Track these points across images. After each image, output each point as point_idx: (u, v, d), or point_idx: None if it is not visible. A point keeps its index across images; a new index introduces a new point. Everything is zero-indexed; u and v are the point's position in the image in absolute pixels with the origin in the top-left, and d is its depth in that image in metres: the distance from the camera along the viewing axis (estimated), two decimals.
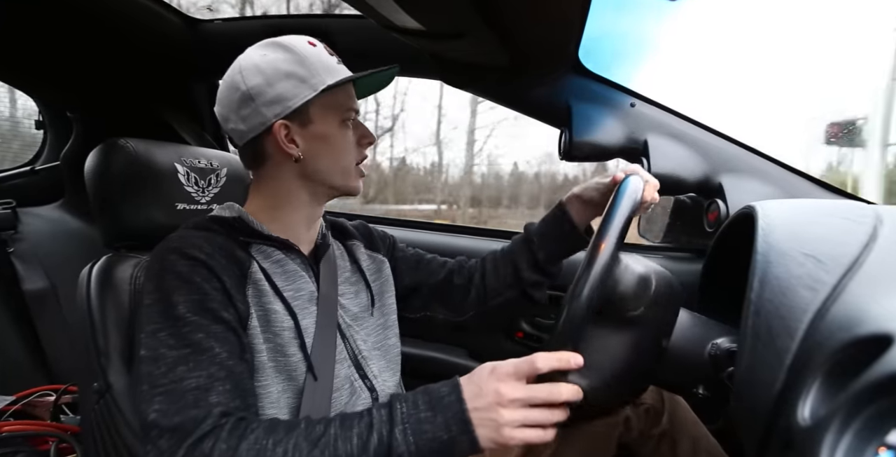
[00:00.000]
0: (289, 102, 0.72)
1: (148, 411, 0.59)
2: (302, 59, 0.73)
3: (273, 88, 0.72)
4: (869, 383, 0.36)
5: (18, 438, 0.99)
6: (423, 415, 0.56)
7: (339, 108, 0.76)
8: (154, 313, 0.64)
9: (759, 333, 0.50)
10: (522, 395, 0.56)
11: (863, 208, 0.60)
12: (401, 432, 0.55)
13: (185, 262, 0.66)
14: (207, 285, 0.65)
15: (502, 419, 0.55)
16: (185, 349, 0.61)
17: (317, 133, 0.75)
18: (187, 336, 0.62)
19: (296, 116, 0.74)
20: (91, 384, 0.76)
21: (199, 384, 0.60)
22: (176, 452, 0.56)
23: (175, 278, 0.65)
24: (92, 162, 0.87)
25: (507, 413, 0.55)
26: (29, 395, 1.14)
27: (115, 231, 0.87)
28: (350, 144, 0.77)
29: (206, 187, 0.94)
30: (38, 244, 1.52)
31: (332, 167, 0.77)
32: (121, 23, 1.21)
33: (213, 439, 0.56)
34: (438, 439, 0.55)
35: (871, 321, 0.41)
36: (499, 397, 0.55)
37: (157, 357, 0.61)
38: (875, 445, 0.35)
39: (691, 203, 1.16)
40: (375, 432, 0.56)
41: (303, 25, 1.27)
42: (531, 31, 0.91)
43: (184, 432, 0.57)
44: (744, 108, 4.19)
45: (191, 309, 0.63)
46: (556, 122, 1.15)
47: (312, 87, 0.73)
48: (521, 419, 0.56)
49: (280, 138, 0.73)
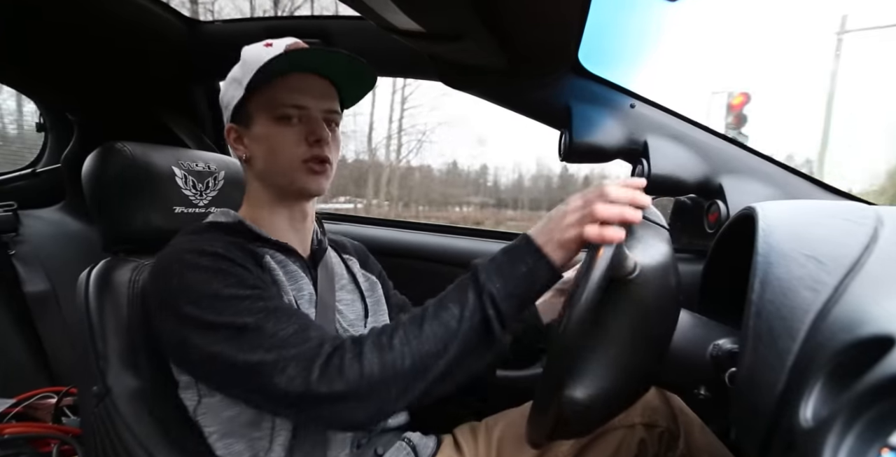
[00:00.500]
0: (230, 106, 0.77)
1: (258, 359, 0.60)
2: (244, 61, 0.76)
3: (225, 96, 0.78)
4: (871, 384, 0.36)
5: (20, 440, 0.99)
6: (499, 260, 0.62)
7: (274, 104, 0.74)
8: (201, 310, 0.63)
9: (760, 334, 0.50)
10: (582, 203, 0.60)
11: (863, 209, 0.60)
12: (486, 276, 0.60)
13: (205, 258, 0.66)
14: (237, 269, 0.66)
15: (564, 221, 0.60)
16: (258, 315, 0.62)
17: (256, 134, 0.76)
18: (251, 307, 0.63)
19: (241, 119, 0.77)
20: (90, 388, 0.76)
21: (295, 329, 0.62)
22: (310, 373, 0.58)
23: (203, 272, 0.65)
24: (89, 166, 0.87)
25: (569, 216, 0.60)
26: (29, 397, 1.14)
27: (113, 235, 0.87)
28: (290, 143, 0.74)
29: (203, 191, 0.94)
30: (39, 246, 1.52)
31: (273, 167, 0.75)
32: (120, 24, 1.21)
33: (340, 354, 0.60)
34: (519, 272, 0.60)
35: (873, 322, 0.41)
36: (565, 208, 0.61)
37: (237, 334, 0.61)
38: (878, 446, 0.35)
39: (691, 204, 1.16)
40: (468, 290, 0.60)
41: (302, 27, 1.27)
42: (531, 33, 0.91)
43: (309, 356, 0.60)
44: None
45: (237, 289, 0.64)
46: (555, 123, 1.14)
47: (243, 87, 0.74)
48: (580, 218, 0.59)
49: (230, 141, 0.78)
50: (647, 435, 0.83)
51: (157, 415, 0.76)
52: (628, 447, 0.83)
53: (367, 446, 0.81)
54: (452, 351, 0.59)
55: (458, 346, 0.59)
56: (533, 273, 0.60)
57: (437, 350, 0.59)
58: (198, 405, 0.72)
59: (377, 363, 0.58)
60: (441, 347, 0.59)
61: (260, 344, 0.61)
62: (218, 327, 0.62)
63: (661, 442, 0.83)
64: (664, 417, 0.84)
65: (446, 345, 0.59)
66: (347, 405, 0.59)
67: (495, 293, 0.59)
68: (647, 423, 0.84)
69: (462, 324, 0.59)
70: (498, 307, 0.59)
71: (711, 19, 5.46)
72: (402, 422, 0.89)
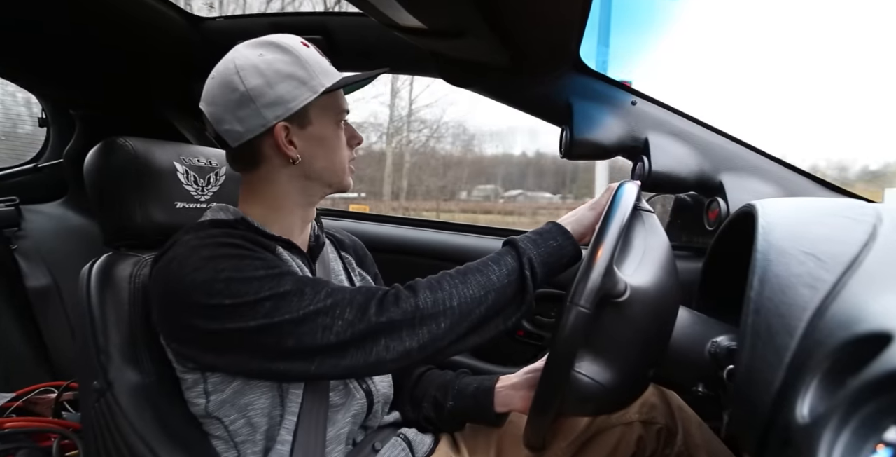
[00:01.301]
0: (290, 104, 0.72)
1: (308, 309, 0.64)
2: (301, 60, 0.73)
3: (274, 90, 0.72)
4: (868, 380, 0.36)
5: (21, 434, 1.00)
6: (533, 237, 0.74)
7: (335, 109, 0.77)
8: (235, 296, 0.63)
9: (758, 331, 0.50)
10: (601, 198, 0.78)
11: (863, 207, 0.60)
12: (523, 244, 0.72)
13: (224, 248, 0.67)
14: (258, 254, 0.69)
15: (586, 207, 0.78)
16: (293, 285, 0.66)
17: (314, 135, 0.76)
18: (286, 279, 0.66)
19: (295, 118, 0.74)
20: (91, 382, 0.76)
21: (337, 285, 0.69)
22: (367, 308, 0.65)
23: (227, 260, 0.66)
24: (91, 161, 0.87)
25: (590, 205, 0.78)
26: (29, 392, 1.14)
27: (114, 230, 0.87)
28: (343, 144, 0.79)
29: (205, 186, 0.94)
30: (41, 241, 1.53)
31: (329, 167, 0.78)
32: (123, 20, 1.21)
33: (395, 291, 0.67)
34: (550, 246, 0.73)
35: (871, 319, 0.41)
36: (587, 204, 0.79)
37: (282, 300, 0.64)
38: (873, 442, 0.35)
39: (692, 201, 1.16)
40: (508, 255, 0.71)
41: (305, 23, 1.28)
42: (532, 30, 0.91)
43: (364, 298, 0.66)
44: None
45: (266, 269, 0.66)
46: (556, 120, 1.14)
47: (312, 89, 0.73)
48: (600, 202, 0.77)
49: (281, 140, 0.74)
50: (644, 432, 0.84)
51: (158, 410, 0.76)
52: (627, 444, 0.83)
53: (365, 441, 0.81)
54: (491, 300, 0.68)
55: (496, 297, 0.68)
56: (562, 248, 0.73)
57: (479, 296, 0.67)
58: (206, 403, 0.72)
59: (430, 298, 0.66)
60: (482, 293, 0.67)
61: (313, 295, 0.65)
62: (261, 302, 0.64)
63: (659, 439, 0.84)
64: (662, 414, 0.84)
65: (486, 293, 0.67)
66: (402, 334, 0.65)
67: (533, 258, 0.70)
68: (645, 420, 0.84)
69: (501, 279, 0.69)
70: (534, 270, 0.70)
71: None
72: (399, 418, 0.89)
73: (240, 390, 0.71)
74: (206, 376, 0.72)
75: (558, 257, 0.73)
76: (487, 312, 0.68)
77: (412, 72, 1.32)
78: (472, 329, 0.68)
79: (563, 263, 0.74)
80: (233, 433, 0.73)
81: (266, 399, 0.71)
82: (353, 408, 0.77)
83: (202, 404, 0.72)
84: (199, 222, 0.77)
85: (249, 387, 0.71)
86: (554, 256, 0.72)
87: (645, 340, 0.64)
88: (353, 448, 0.80)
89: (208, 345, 0.68)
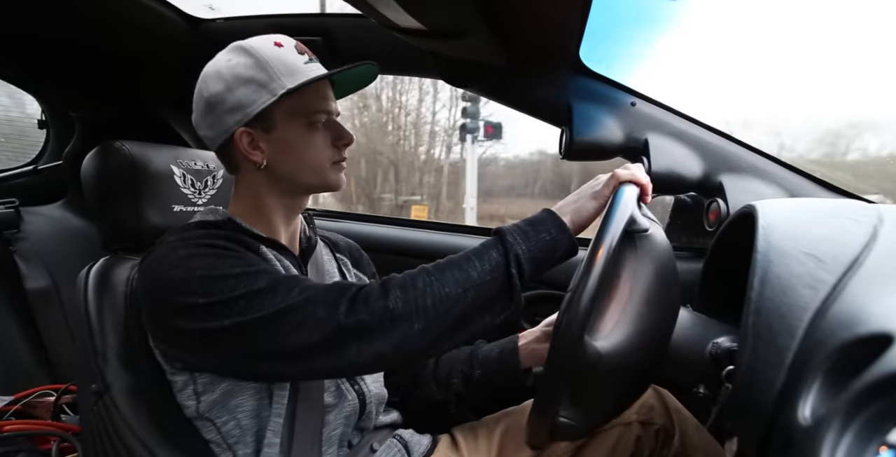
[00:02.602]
0: (248, 109, 0.72)
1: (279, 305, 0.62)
2: (262, 63, 0.71)
3: (233, 95, 0.72)
4: (869, 382, 0.36)
5: (20, 437, 0.99)
6: (524, 228, 0.67)
7: (305, 111, 0.74)
8: (210, 295, 0.63)
9: (759, 332, 0.50)
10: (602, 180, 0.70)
11: (863, 208, 0.60)
12: (511, 238, 0.65)
13: (203, 248, 0.66)
14: (237, 253, 0.67)
15: (587, 193, 0.70)
16: (271, 282, 0.64)
17: (281, 138, 0.74)
18: (261, 277, 0.64)
19: (258, 122, 0.73)
20: (89, 385, 0.76)
21: (312, 281, 0.66)
22: (337, 307, 0.61)
23: (204, 258, 0.65)
24: (88, 165, 0.87)
25: (590, 190, 0.70)
26: (28, 395, 1.14)
27: (112, 233, 0.87)
28: (319, 147, 0.75)
29: (202, 189, 0.94)
30: (40, 243, 1.53)
31: (300, 171, 0.75)
32: (122, 22, 1.21)
33: (366, 291, 0.63)
34: (542, 239, 0.66)
35: (872, 320, 0.41)
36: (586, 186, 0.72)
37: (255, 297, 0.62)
38: (876, 444, 0.34)
39: (691, 202, 1.16)
40: (493, 249, 0.65)
41: (303, 24, 1.27)
42: (532, 31, 0.91)
43: (334, 296, 0.62)
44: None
45: (242, 267, 0.65)
46: (556, 121, 1.14)
47: (272, 92, 0.71)
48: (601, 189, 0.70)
49: (242, 146, 0.73)
50: (643, 433, 0.84)
51: (156, 413, 0.76)
52: (625, 444, 0.83)
53: (362, 443, 0.81)
54: (471, 298, 0.63)
55: (477, 295, 0.63)
56: (556, 242, 0.66)
57: (456, 294, 0.62)
58: (197, 405, 0.72)
59: (401, 298, 0.61)
60: (460, 291, 0.62)
61: (286, 293, 0.63)
62: (235, 300, 0.62)
63: (657, 439, 0.84)
64: (660, 415, 0.85)
65: (465, 291, 0.62)
66: (372, 336, 0.61)
67: (521, 254, 0.64)
68: (643, 421, 0.85)
69: (483, 276, 0.63)
70: (521, 267, 0.64)
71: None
72: (396, 419, 0.89)
73: (229, 391, 0.70)
74: (195, 378, 0.71)
75: (550, 253, 0.67)
76: (467, 311, 0.63)
77: (412, 73, 1.32)
78: (452, 329, 0.64)
79: (555, 257, 0.67)
80: (225, 435, 0.72)
81: (254, 400, 0.71)
82: (346, 409, 0.77)
83: (193, 405, 0.72)
84: (186, 224, 0.77)
85: (238, 388, 0.70)
86: (545, 252, 0.66)
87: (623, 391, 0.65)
88: (350, 450, 0.80)
89: (190, 345, 0.68)
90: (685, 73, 1.89)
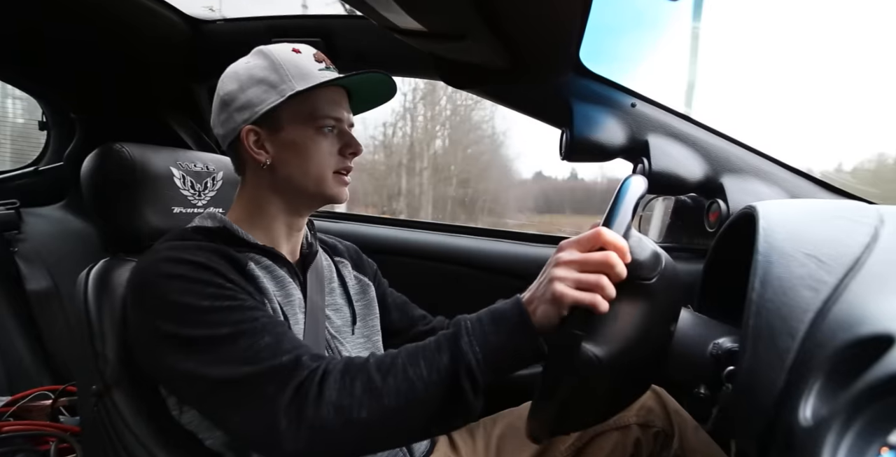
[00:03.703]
0: (256, 108, 0.73)
1: (230, 375, 0.59)
2: (277, 65, 0.73)
3: (244, 94, 0.74)
4: (870, 383, 0.36)
5: (19, 438, 0.99)
6: (487, 328, 0.58)
7: (314, 115, 0.74)
8: (176, 325, 0.62)
9: (760, 333, 0.50)
10: (577, 257, 0.56)
11: (864, 209, 0.60)
12: (466, 343, 0.57)
13: (184, 266, 0.65)
14: (217, 279, 0.65)
15: (557, 275, 0.55)
16: (232, 327, 0.61)
17: (287, 140, 0.74)
18: (226, 318, 0.61)
19: (265, 122, 0.74)
20: (90, 387, 0.76)
21: (267, 343, 0.60)
22: (282, 392, 0.57)
23: (179, 282, 0.64)
24: (87, 167, 0.87)
25: (560, 271, 0.56)
26: (24, 397, 1.14)
27: (112, 236, 0.87)
28: (325, 153, 0.75)
29: (202, 191, 0.94)
30: (41, 244, 1.53)
31: (303, 175, 0.75)
32: (123, 23, 1.22)
33: (303, 392, 0.57)
34: (503, 349, 0.57)
35: (873, 321, 0.41)
36: (557, 260, 0.57)
37: (212, 342, 0.60)
38: (877, 445, 0.34)
39: (692, 203, 1.16)
40: (444, 353, 0.57)
41: (304, 26, 1.28)
42: (532, 32, 0.91)
43: (282, 379, 0.58)
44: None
45: (214, 300, 0.63)
46: (556, 122, 1.14)
47: (280, 92, 0.72)
48: (575, 278, 0.55)
49: (248, 144, 0.74)
50: (642, 435, 0.84)
51: (155, 414, 0.76)
52: (624, 447, 0.84)
53: None
54: (414, 412, 0.57)
55: (422, 409, 0.57)
56: (519, 351, 0.57)
57: (396, 407, 0.56)
58: (181, 415, 0.72)
59: (332, 410, 0.56)
60: (402, 404, 0.56)
61: (233, 358, 0.60)
62: (195, 341, 0.61)
63: (656, 442, 0.84)
64: (659, 417, 0.85)
65: (408, 404, 0.56)
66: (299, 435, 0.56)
67: (474, 366, 0.56)
68: (641, 423, 0.85)
69: (430, 388, 0.56)
70: (475, 378, 0.56)
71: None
72: None
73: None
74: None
75: (511, 362, 0.58)
76: (410, 425, 0.58)
77: (413, 75, 1.33)
78: (388, 439, 0.60)
79: (519, 366, 0.59)
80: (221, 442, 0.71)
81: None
82: None
83: (177, 416, 0.72)
84: (182, 230, 0.77)
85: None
86: (506, 362, 0.58)
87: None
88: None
89: (148, 360, 0.69)
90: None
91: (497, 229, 1.42)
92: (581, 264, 0.55)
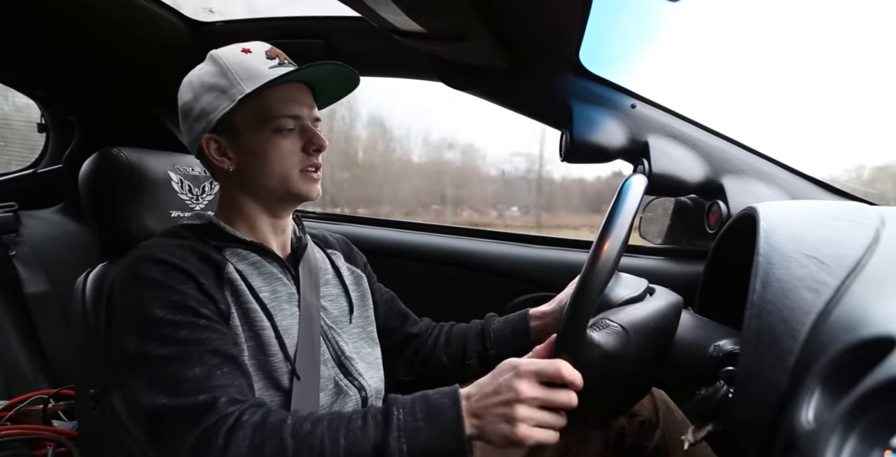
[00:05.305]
0: (210, 116, 0.72)
1: (151, 404, 0.59)
2: (225, 69, 0.72)
3: (198, 103, 0.73)
4: (872, 385, 0.35)
5: (16, 442, 0.99)
6: (419, 424, 0.55)
7: (269, 116, 0.72)
8: (132, 322, 0.63)
9: (761, 335, 0.50)
10: (542, 395, 0.55)
11: (865, 210, 0.59)
12: (395, 439, 0.54)
13: (157, 267, 0.65)
14: (183, 286, 0.65)
15: (520, 416, 0.54)
16: (173, 347, 0.61)
17: (245, 145, 0.73)
18: (172, 335, 0.61)
19: (223, 129, 0.73)
20: (88, 390, 0.76)
21: (194, 375, 0.59)
22: (189, 434, 0.55)
23: (148, 284, 0.64)
24: (85, 172, 0.87)
25: (524, 410, 0.54)
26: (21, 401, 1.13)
27: (109, 240, 0.87)
28: (286, 153, 0.73)
29: (199, 195, 0.94)
30: (39, 247, 1.52)
31: (267, 178, 0.74)
32: (123, 25, 1.21)
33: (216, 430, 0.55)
34: (430, 449, 0.54)
35: (874, 323, 0.40)
36: (518, 394, 0.55)
37: (147, 361, 0.61)
38: (880, 448, 0.34)
39: (692, 204, 1.16)
40: (370, 438, 0.55)
41: (303, 27, 1.27)
42: (532, 33, 0.91)
43: (192, 419, 0.56)
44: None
45: (170, 310, 0.63)
46: (556, 123, 1.14)
47: (231, 97, 0.71)
48: (537, 419, 0.55)
49: (209, 152, 0.74)
50: (626, 423, 0.84)
51: None
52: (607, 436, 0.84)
53: None
54: None
55: None
56: (447, 453, 0.55)
57: None
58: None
59: None
60: None
61: (160, 380, 0.60)
62: (133, 356, 0.62)
63: (640, 430, 0.84)
64: (646, 408, 0.85)
65: None
66: None
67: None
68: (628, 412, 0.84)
69: None
70: None
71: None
72: None
73: None
74: None
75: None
76: None
77: (412, 75, 1.32)
78: None
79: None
80: None
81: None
82: (348, 405, 0.76)
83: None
84: (172, 226, 0.77)
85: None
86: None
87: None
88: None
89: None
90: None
91: (488, 230, 1.41)
92: (545, 402, 0.55)
